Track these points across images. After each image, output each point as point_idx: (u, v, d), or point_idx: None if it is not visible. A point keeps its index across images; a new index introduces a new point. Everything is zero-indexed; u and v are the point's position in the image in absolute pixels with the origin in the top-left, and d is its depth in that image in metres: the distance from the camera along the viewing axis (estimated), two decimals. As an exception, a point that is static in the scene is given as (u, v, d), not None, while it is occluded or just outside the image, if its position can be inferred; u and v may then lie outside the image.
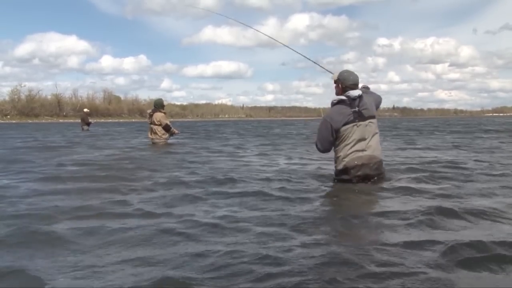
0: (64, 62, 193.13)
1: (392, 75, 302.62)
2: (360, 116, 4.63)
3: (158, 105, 11.22)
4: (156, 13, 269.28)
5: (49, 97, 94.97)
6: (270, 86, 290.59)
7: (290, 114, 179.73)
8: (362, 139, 4.62)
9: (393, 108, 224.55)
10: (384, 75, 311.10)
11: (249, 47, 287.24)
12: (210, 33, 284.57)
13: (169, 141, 11.61)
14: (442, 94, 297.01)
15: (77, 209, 3.73)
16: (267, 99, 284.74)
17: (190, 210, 3.68)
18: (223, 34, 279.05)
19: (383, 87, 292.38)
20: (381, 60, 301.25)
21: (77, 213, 3.59)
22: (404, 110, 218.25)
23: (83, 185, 5.05)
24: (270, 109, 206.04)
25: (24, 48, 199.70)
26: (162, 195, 4.31)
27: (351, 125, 4.62)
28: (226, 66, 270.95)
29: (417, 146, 10.96)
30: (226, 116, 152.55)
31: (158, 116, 11.00)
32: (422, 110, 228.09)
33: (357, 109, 4.62)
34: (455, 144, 11.49)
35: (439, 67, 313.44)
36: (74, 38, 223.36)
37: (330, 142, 4.73)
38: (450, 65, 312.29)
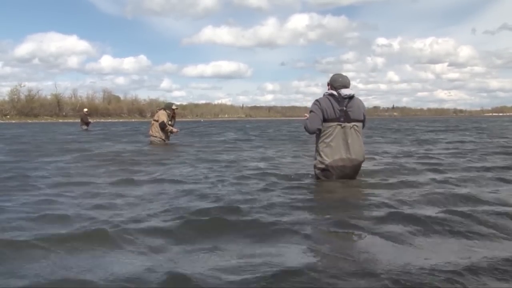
0: (64, 62, 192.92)
1: (392, 75, 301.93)
2: (346, 116, 4.68)
3: (166, 106, 11.62)
4: (156, 13, 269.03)
5: (48, 97, 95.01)
6: (269, 86, 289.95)
7: (290, 114, 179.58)
8: (345, 141, 4.67)
9: (393, 107, 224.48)
10: (383, 75, 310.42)
11: (249, 47, 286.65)
12: (210, 33, 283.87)
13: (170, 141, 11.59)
14: (441, 94, 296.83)
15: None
16: (267, 99, 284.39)
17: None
18: (223, 34, 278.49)
19: (383, 87, 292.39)
20: (380, 60, 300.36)
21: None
22: (404, 110, 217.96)
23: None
24: (270, 109, 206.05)
25: (24, 48, 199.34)
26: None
27: (335, 123, 4.67)
28: (226, 66, 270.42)
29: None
30: (226, 116, 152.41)
31: (159, 113, 11.32)
32: (421, 109, 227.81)
33: (344, 108, 4.68)
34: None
35: (438, 67, 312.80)
36: (74, 38, 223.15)
37: (318, 121, 4.71)
38: (449, 65, 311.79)
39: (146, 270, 2.19)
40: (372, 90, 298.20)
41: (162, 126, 11.12)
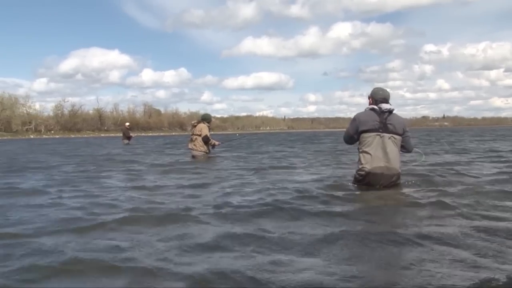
0: (106, 76, 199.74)
1: (441, 83, 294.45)
2: (384, 128, 5.11)
3: (205, 118, 11.58)
4: (196, 26, 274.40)
5: (91, 111, 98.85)
6: (312, 97, 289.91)
7: (333, 125, 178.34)
8: (383, 150, 5.07)
9: (443, 117, 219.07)
10: (432, 83, 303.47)
11: (290, 57, 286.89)
12: (250, 44, 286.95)
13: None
14: (497, 102, 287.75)
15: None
16: (310, 110, 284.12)
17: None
18: (263, 44, 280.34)
19: (432, 95, 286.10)
20: (428, 68, 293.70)
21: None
22: (455, 119, 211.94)
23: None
24: (313, 120, 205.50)
25: (68, 64, 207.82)
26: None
27: (374, 133, 5.11)
28: (267, 77, 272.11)
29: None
30: (268, 128, 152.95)
31: (201, 126, 11.24)
32: (475, 119, 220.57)
33: (384, 121, 5.14)
34: None
35: (493, 73, 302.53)
36: (116, 53, 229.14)
37: (351, 137, 5.32)
38: (505, 71, 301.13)
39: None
40: (420, 99, 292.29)
41: (206, 140, 11.15)
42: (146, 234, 3.38)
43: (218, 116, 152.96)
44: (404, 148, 5.34)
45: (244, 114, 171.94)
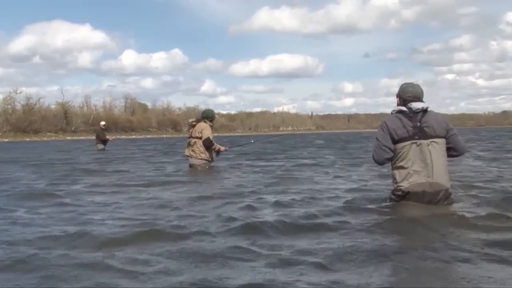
0: (74, 59, 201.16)
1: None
2: (421, 133, 5.25)
3: (207, 115, 11.53)
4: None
5: (53, 106, 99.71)
6: (349, 87, 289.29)
7: (377, 125, 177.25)
8: (423, 162, 5.22)
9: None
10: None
11: (320, 34, 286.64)
12: (266, 17, 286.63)
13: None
14: None
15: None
16: (345, 105, 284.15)
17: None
18: (283, 17, 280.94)
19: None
20: (511, 45, 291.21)
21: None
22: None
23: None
24: (350, 117, 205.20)
25: (21, 43, 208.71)
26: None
27: (409, 142, 5.26)
28: (288, 60, 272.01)
29: None
30: (290, 128, 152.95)
31: (201, 126, 11.21)
32: None
33: (418, 124, 5.28)
34: None
35: None
36: (87, 28, 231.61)
37: (386, 150, 5.37)
38: None
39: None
40: (499, 88, 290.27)
41: (208, 144, 11.06)
42: (148, 254, 3.86)
43: (224, 112, 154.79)
44: (454, 150, 5.47)
45: (258, 109, 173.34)
